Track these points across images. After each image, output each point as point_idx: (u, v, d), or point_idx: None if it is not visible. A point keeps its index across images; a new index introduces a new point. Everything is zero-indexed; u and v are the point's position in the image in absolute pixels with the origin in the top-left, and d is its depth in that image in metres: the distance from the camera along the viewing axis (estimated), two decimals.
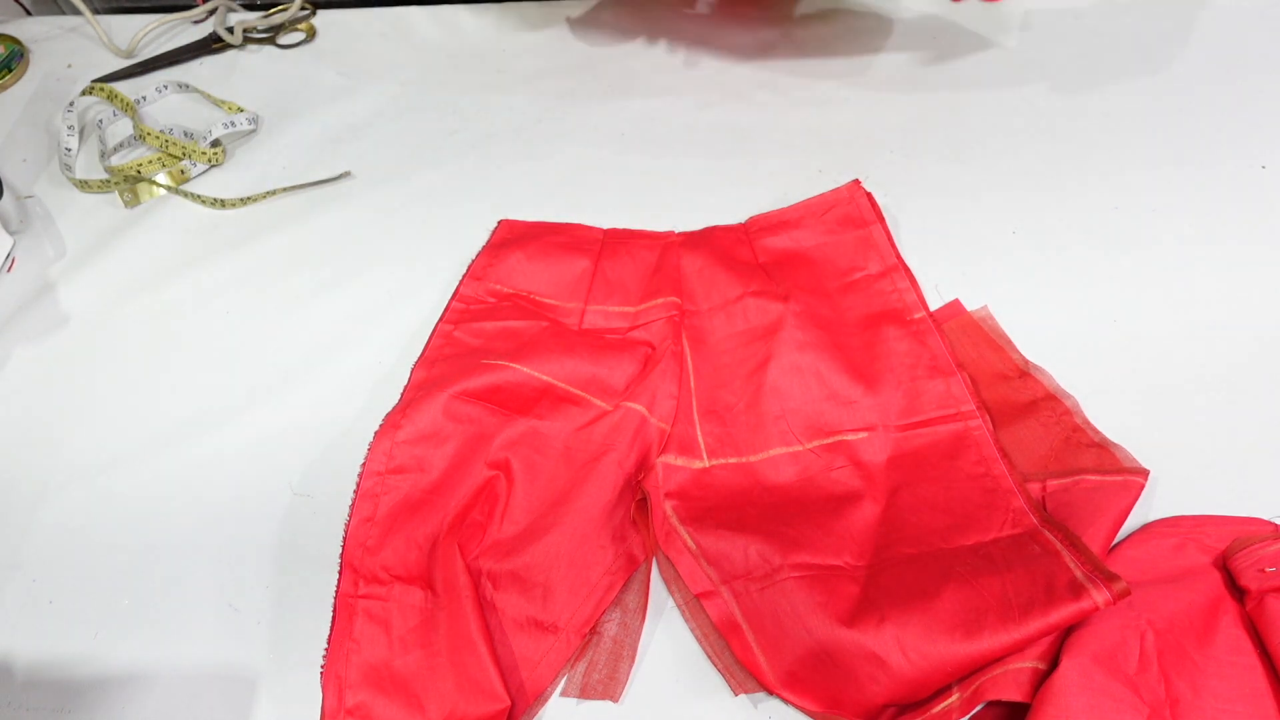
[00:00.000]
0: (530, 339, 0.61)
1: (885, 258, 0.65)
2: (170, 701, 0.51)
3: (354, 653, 0.50)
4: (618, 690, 0.50)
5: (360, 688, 0.49)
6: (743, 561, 0.52)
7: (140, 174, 0.77)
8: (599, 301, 0.65)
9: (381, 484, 0.55)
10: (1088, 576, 0.46)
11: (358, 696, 0.49)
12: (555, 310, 0.65)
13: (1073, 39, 0.82)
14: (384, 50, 0.89)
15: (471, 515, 0.53)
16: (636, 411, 0.56)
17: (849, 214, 0.68)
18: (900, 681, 0.46)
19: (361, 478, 0.55)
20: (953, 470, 0.54)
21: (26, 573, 0.56)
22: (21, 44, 0.91)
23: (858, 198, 0.68)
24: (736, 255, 0.67)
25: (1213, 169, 0.70)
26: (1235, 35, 0.80)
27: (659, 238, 0.69)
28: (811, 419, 0.57)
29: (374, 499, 0.54)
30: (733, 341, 0.62)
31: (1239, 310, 0.62)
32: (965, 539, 0.51)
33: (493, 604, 0.51)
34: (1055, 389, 0.58)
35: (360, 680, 0.50)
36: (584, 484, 0.54)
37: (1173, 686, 0.46)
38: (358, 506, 0.54)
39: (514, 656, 0.50)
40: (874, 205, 0.68)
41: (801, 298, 0.62)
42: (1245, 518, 0.52)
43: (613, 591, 0.52)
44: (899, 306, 0.62)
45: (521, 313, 0.64)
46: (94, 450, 0.62)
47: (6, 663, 0.53)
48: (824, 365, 0.58)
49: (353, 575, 0.52)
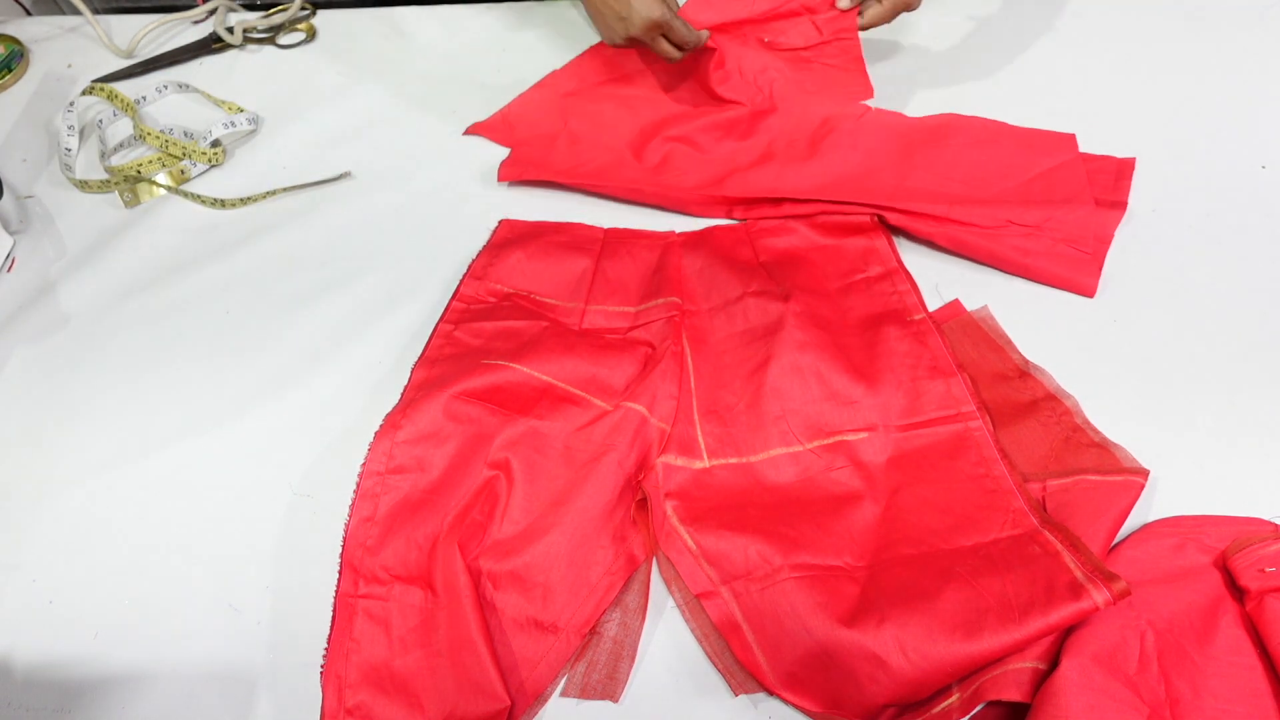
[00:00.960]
0: (530, 339, 0.61)
1: (886, 260, 0.65)
2: (170, 701, 0.51)
3: (354, 652, 0.50)
4: (618, 690, 0.50)
5: (360, 688, 0.49)
6: (743, 562, 0.52)
7: (140, 174, 0.77)
8: (599, 301, 0.65)
9: (381, 484, 0.55)
10: (1088, 577, 0.46)
11: (358, 696, 0.49)
12: (555, 310, 0.65)
13: (1072, 39, 0.82)
14: (384, 50, 0.89)
15: (471, 515, 0.53)
16: (636, 412, 0.56)
17: (849, 217, 0.68)
18: (900, 682, 0.46)
19: (361, 478, 0.55)
20: (953, 471, 0.54)
21: (26, 573, 0.56)
22: (21, 44, 0.91)
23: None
24: (737, 255, 0.67)
25: (1213, 169, 0.70)
26: (1235, 35, 0.80)
27: (659, 237, 0.69)
28: (812, 419, 0.57)
29: (374, 499, 0.54)
30: (733, 342, 0.62)
31: (1239, 310, 0.62)
32: (965, 539, 0.51)
33: (493, 604, 0.51)
34: (1055, 389, 0.58)
35: (360, 680, 0.50)
36: (584, 484, 0.54)
37: (1173, 686, 0.46)
38: (357, 506, 0.54)
39: (514, 656, 0.50)
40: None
41: (802, 298, 0.62)
42: (1245, 518, 0.52)
43: (613, 591, 0.52)
44: (899, 307, 0.62)
45: (522, 312, 0.64)
46: (94, 450, 0.62)
47: (6, 663, 0.53)
48: (824, 365, 0.58)
49: (353, 575, 0.52)
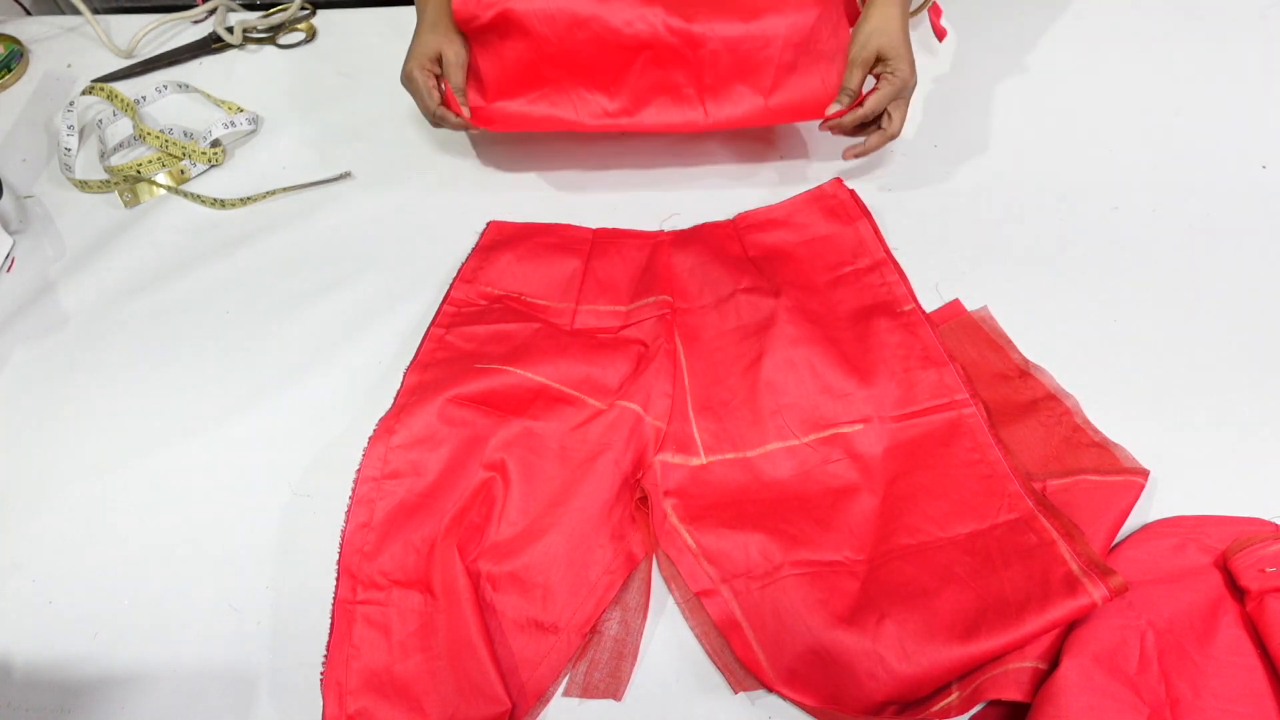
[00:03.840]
0: (523, 341, 0.61)
1: (873, 251, 0.65)
2: (170, 701, 0.51)
3: (354, 659, 0.50)
4: (620, 688, 0.50)
5: (361, 694, 0.49)
6: (743, 560, 0.52)
7: (140, 174, 0.77)
8: (590, 301, 0.65)
9: (377, 489, 0.54)
10: (1084, 570, 0.46)
11: (359, 703, 0.49)
12: (547, 311, 0.65)
13: (1072, 39, 0.82)
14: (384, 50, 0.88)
15: (469, 517, 0.53)
16: (631, 410, 0.56)
17: (834, 209, 0.68)
18: (900, 679, 0.46)
19: (356, 484, 0.55)
20: (948, 458, 0.54)
21: (27, 573, 0.56)
22: (21, 44, 0.91)
23: (841, 194, 0.69)
24: (727, 251, 0.67)
25: (1213, 169, 0.70)
26: (1234, 35, 0.80)
27: (649, 237, 0.70)
28: (807, 413, 0.57)
29: (369, 504, 0.54)
30: (726, 339, 0.62)
31: (1239, 310, 0.62)
32: (963, 526, 0.51)
33: (492, 606, 0.51)
34: (1055, 389, 0.58)
35: (361, 686, 0.49)
36: (581, 483, 0.54)
37: (1173, 686, 0.46)
38: (353, 512, 0.54)
39: (515, 658, 0.50)
40: (858, 201, 0.68)
41: (793, 293, 0.63)
42: (1245, 518, 0.52)
43: (612, 590, 0.52)
44: (889, 299, 0.62)
45: (513, 315, 0.64)
46: (94, 450, 0.62)
47: (7, 663, 0.53)
48: (818, 359, 0.58)
49: (350, 581, 0.52)
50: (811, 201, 0.69)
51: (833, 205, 0.69)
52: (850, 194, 0.68)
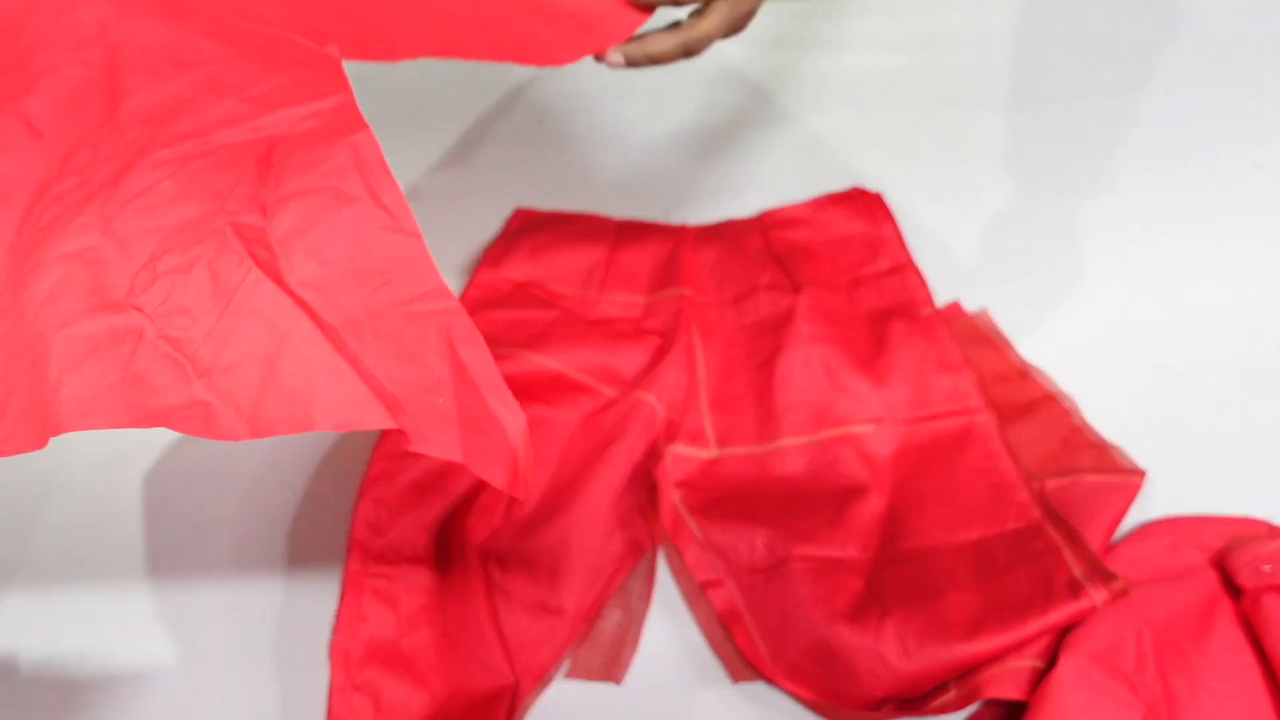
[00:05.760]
0: (542, 328, 0.61)
1: (896, 255, 0.66)
2: (170, 701, 0.51)
3: (361, 629, 0.51)
4: (620, 672, 0.50)
5: (367, 664, 0.50)
6: (748, 553, 0.52)
7: None
8: (611, 291, 0.65)
9: (391, 467, 0.55)
10: (1086, 575, 0.47)
11: (365, 673, 0.49)
12: (567, 299, 0.65)
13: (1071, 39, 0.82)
14: None
15: (480, 499, 0.54)
16: (645, 401, 0.57)
17: (859, 211, 0.69)
18: (900, 677, 0.47)
19: (372, 461, 0.55)
20: (959, 464, 0.55)
21: (28, 572, 0.56)
22: None
23: (869, 197, 0.69)
24: (750, 247, 0.68)
25: (1210, 169, 0.70)
26: (1233, 35, 0.80)
27: (672, 230, 0.70)
28: (820, 411, 0.58)
29: (384, 481, 0.55)
30: (743, 334, 0.62)
31: (1238, 310, 0.62)
32: (970, 533, 0.52)
33: (500, 586, 0.52)
34: (1054, 389, 0.58)
35: (367, 656, 0.50)
36: (592, 471, 0.55)
37: (1170, 685, 0.46)
38: (367, 488, 0.54)
39: (520, 637, 0.51)
40: (883, 205, 0.69)
41: (812, 291, 0.63)
42: (1241, 518, 0.53)
43: (619, 577, 0.53)
44: (908, 302, 0.63)
45: (533, 302, 0.64)
46: (94, 449, 0.61)
47: (8, 662, 0.53)
48: (833, 359, 0.59)
49: (361, 555, 0.53)
50: (837, 202, 0.70)
51: (858, 207, 0.69)
52: (876, 198, 0.69)
